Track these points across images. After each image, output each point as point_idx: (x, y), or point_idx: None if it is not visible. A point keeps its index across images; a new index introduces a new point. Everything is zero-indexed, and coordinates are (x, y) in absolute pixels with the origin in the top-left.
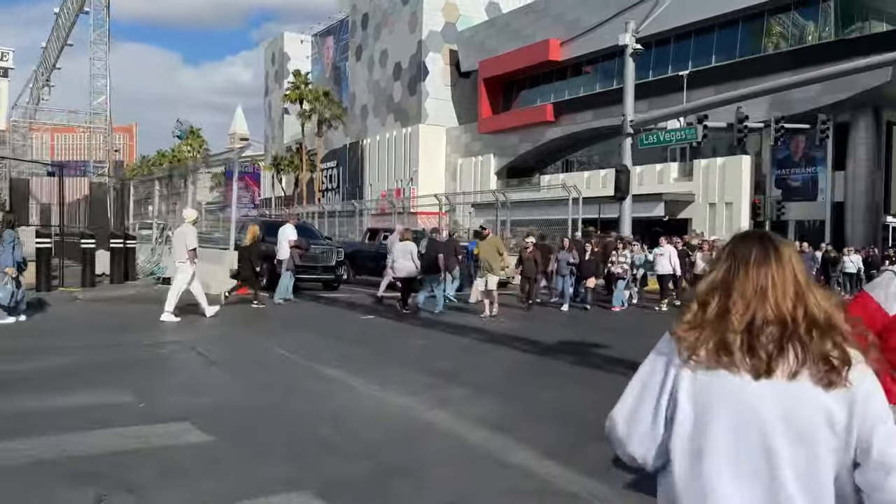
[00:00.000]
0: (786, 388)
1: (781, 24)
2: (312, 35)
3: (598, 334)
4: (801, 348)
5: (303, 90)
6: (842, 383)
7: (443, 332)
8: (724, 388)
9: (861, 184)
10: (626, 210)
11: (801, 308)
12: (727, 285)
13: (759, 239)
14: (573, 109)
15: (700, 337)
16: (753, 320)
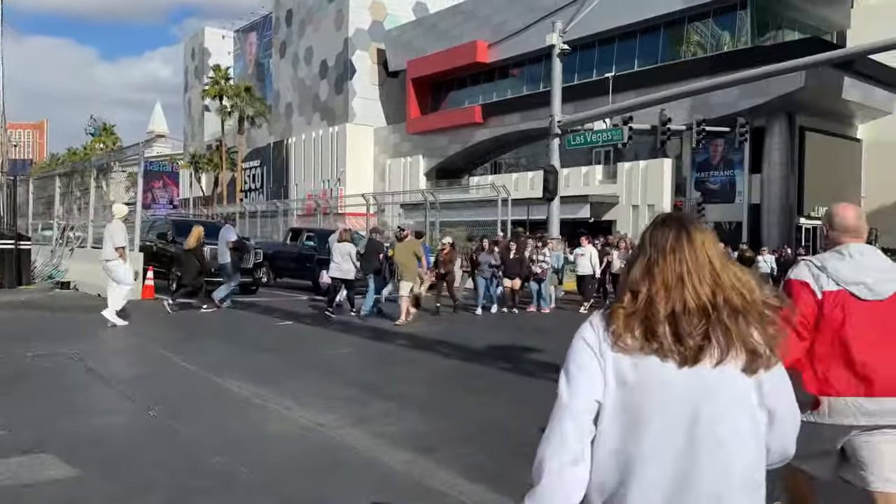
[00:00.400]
0: (711, 375)
1: (699, 32)
2: (235, 31)
3: (527, 338)
4: (724, 336)
5: (223, 86)
6: (762, 368)
7: (367, 338)
8: (651, 374)
9: (776, 187)
10: (555, 211)
11: (721, 294)
12: (650, 273)
13: (673, 224)
14: (501, 111)
15: (630, 324)
16: (675, 308)
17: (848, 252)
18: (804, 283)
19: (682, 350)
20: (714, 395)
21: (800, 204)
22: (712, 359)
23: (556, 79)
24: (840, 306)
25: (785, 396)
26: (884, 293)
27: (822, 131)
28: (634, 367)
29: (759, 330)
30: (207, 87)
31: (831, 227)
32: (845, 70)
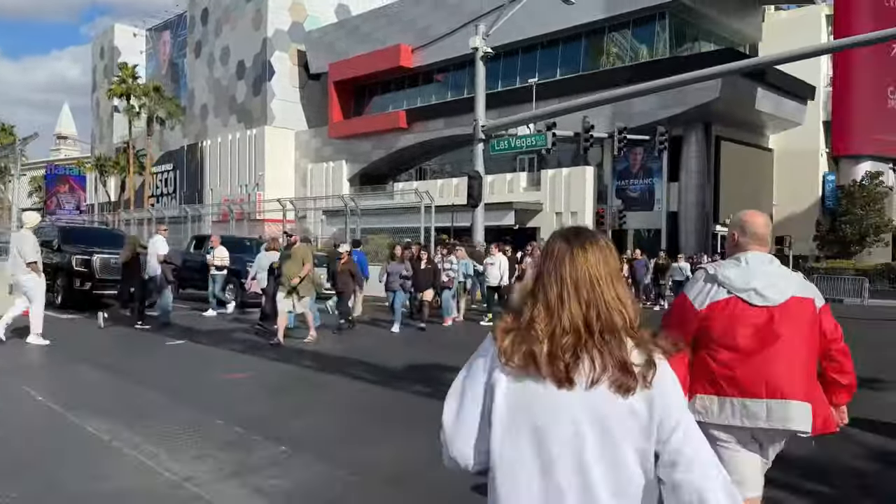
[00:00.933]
0: (586, 397)
1: (619, 42)
2: (147, 29)
3: (437, 355)
4: (598, 355)
5: (130, 84)
6: (642, 387)
7: (270, 359)
8: (532, 396)
9: (693, 195)
10: (479, 218)
11: (594, 312)
12: (534, 290)
13: (564, 239)
14: (426, 117)
15: (514, 343)
16: (555, 329)
17: (745, 259)
18: (685, 297)
19: (555, 371)
20: (592, 415)
21: (715, 211)
22: (586, 378)
23: (480, 83)
24: (729, 314)
25: (679, 405)
26: (775, 299)
27: (736, 141)
28: (518, 387)
29: (638, 344)
30: (113, 86)
31: (741, 233)
32: (758, 81)
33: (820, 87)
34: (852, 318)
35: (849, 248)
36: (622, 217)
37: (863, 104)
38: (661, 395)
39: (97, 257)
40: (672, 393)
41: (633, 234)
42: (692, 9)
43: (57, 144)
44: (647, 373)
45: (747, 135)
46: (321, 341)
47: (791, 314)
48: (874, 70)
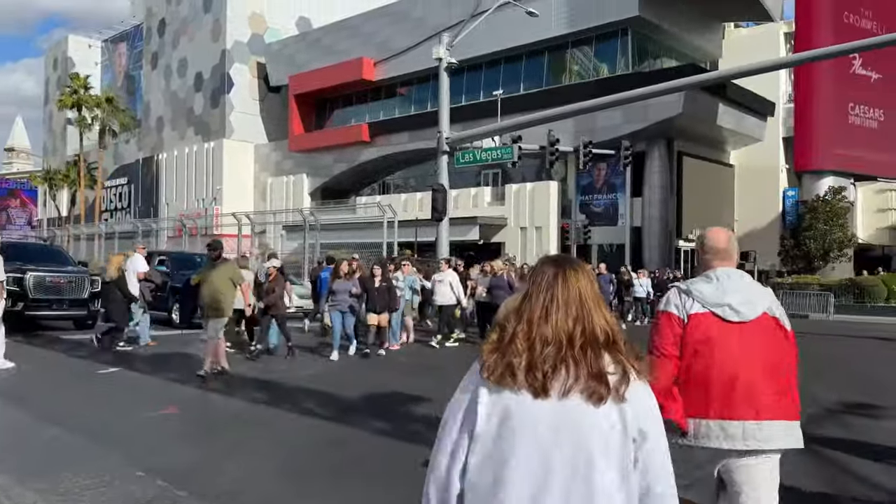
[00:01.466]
0: (559, 406)
1: (581, 59)
2: (103, 41)
3: (390, 383)
4: (573, 366)
5: (81, 95)
6: (615, 398)
7: (206, 390)
8: (510, 407)
9: (656, 210)
10: (443, 232)
11: (580, 327)
12: (521, 309)
13: (554, 263)
14: (389, 130)
15: (497, 358)
16: (535, 341)
17: (715, 275)
18: (668, 313)
19: (532, 381)
20: (568, 425)
21: (678, 227)
22: (561, 389)
23: (444, 93)
24: (705, 328)
25: (651, 419)
26: (749, 315)
27: (698, 157)
28: (501, 401)
29: (616, 360)
30: (63, 97)
31: (703, 251)
32: (719, 97)
33: (779, 103)
34: (819, 333)
35: (812, 263)
36: (587, 232)
37: (824, 120)
38: (634, 409)
39: (31, 275)
40: (645, 407)
41: (597, 248)
42: (654, 25)
43: (9, 158)
44: (621, 386)
45: (708, 150)
46: (264, 369)
47: (765, 329)
48: (835, 86)
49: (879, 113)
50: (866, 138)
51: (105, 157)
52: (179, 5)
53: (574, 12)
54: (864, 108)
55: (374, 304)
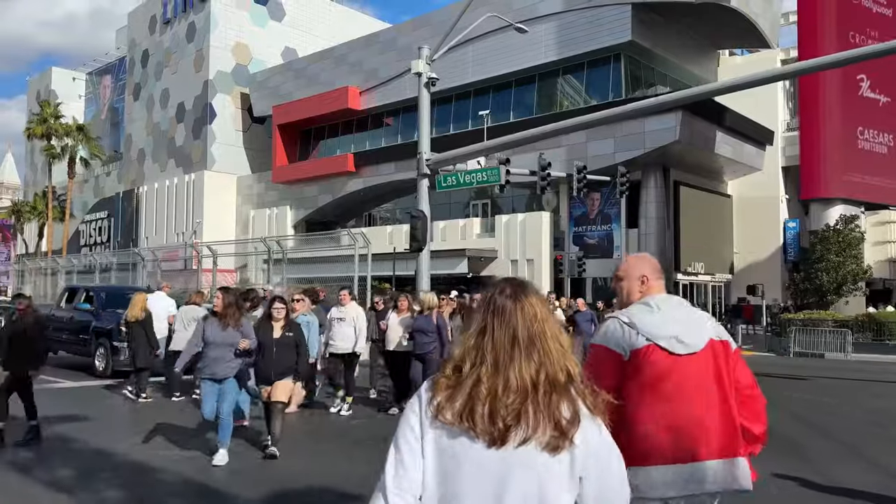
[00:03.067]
0: (514, 456)
1: (572, 86)
2: (88, 73)
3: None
4: (534, 414)
5: (52, 124)
6: (567, 446)
7: (84, 461)
8: (462, 453)
9: (652, 242)
10: (424, 264)
11: (544, 372)
12: (481, 346)
13: (511, 294)
14: (375, 161)
15: (452, 399)
16: (498, 388)
17: (655, 304)
18: (606, 348)
19: (493, 430)
20: (521, 473)
21: (676, 259)
22: (518, 438)
23: (424, 111)
24: (651, 363)
25: (601, 457)
26: (695, 345)
27: (695, 186)
28: (450, 444)
29: (570, 400)
30: (33, 126)
31: (632, 280)
32: (717, 124)
33: (778, 132)
34: (839, 377)
35: (825, 298)
36: (581, 265)
37: (832, 145)
38: (583, 448)
39: None
40: (595, 444)
41: (592, 282)
42: (647, 51)
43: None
44: (572, 428)
45: (705, 180)
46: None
47: (714, 359)
48: (842, 110)
49: (889, 138)
50: (876, 164)
51: (86, 191)
52: (163, 36)
53: (564, 38)
54: (873, 132)
55: (267, 366)
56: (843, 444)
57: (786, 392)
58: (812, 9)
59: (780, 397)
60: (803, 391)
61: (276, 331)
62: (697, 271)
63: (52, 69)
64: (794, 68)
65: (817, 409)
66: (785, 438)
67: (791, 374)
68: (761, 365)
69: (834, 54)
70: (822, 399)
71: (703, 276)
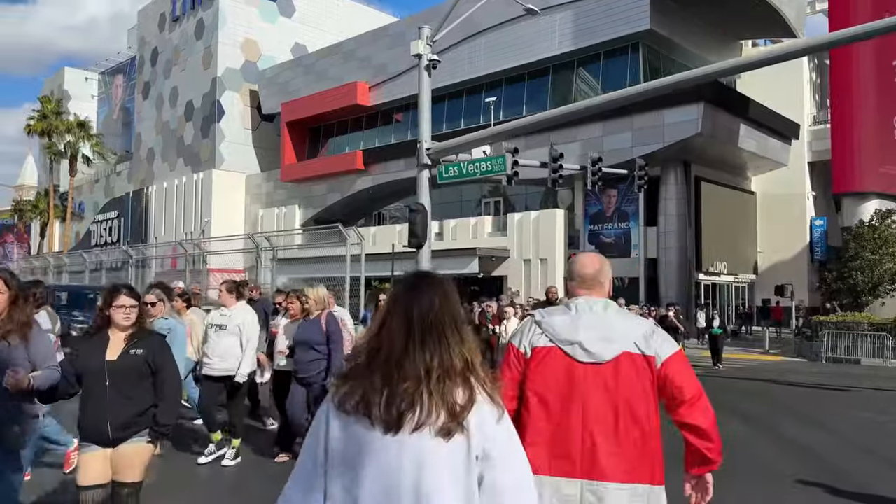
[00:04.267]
0: (409, 441)
1: (587, 79)
2: (100, 73)
3: None
4: (427, 400)
5: (52, 121)
6: (460, 430)
7: None
8: (362, 440)
9: (672, 240)
10: (424, 262)
11: (438, 359)
12: (379, 337)
13: (410, 286)
14: (385, 158)
15: (353, 389)
16: (394, 376)
17: (574, 306)
18: (512, 345)
19: (388, 418)
20: (416, 457)
21: (698, 259)
22: (413, 423)
23: (425, 96)
24: (549, 366)
25: (497, 440)
26: (603, 355)
27: (717, 182)
28: (352, 432)
29: (467, 386)
30: (33, 122)
31: (569, 277)
32: (740, 117)
33: (804, 125)
34: (884, 387)
35: (860, 298)
36: None
37: (865, 136)
38: (479, 432)
39: None
40: (491, 428)
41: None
42: (666, 41)
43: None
44: (465, 412)
45: (728, 176)
46: None
47: (621, 374)
48: (877, 98)
49: None
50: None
51: (97, 191)
52: (172, 33)
53: (580, 27)
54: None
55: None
56: None
57: (832, 407)
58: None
59: (827, 414)
60: (850, 405)
61: (111, 349)
62: (720, 271)
63: (65, 69)
64: (827, 39)
65: (873, 429)
66: (843, 473)
67: (831, 384)
68: (793, 372)
69: (868, 23)
70: (880, 418)
71: (725, 277)
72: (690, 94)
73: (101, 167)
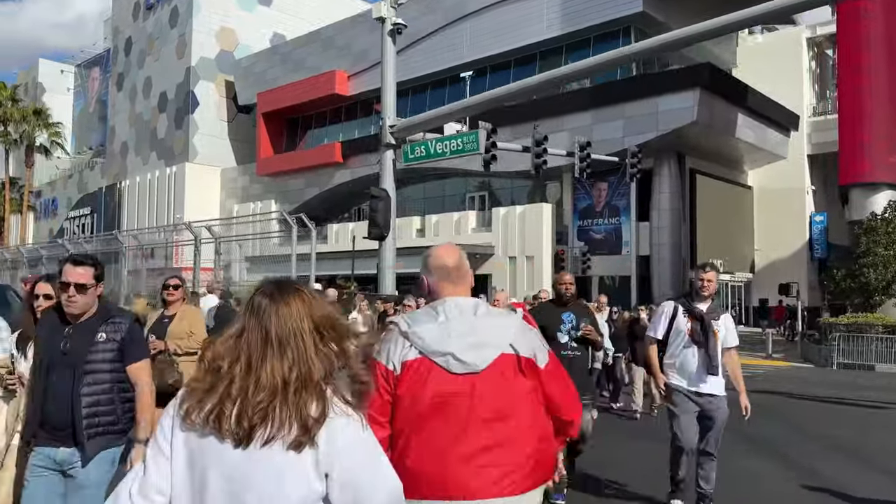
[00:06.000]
0: (258, 454)
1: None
2: (76, 65)
3: None
4: (281, 413)
5: (7, 108)
6: (310, 444)
7: None
8: (210, 453)
9: (666, 236)
10: (387, 257)
11: (296, 370)
12: (237, 348)
13: (269, 294)
14: (365, 150)
15: (203, 402)
16: (249, 387)
17: (442, 310)
18: (378, 363)
19: (238, 430)
20: (263, 471)
21: (692, 256)
22: (263, 437)
23: (389, 66)
24: (422, 381)
25: (349, 455)
26: (478, 363)
27: (713, 176)
28: (199, 445)
29: (323, 402)
30: None
31: (429, 274)
32: (738, 106)
33: (803, 116)
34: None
35: (871, 298)
36: (586, 261)
37: (877, 124)
38: (328, 449)
39: None
40: (341, 443)
41: (598, 281)
42: (660, 25)
43: None
44: (316, 427)
45: (724, 170)
46: None
47: (501, 380)
48: (888, 84)
49: None
50: None
51: (70, 186)
52: (146, 22)
53: (569, 11)
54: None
55: None
56: None
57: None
58: None
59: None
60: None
61: None
62: (718, 267)
63: (40, 61)
64: None
65: None
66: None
67: (855, 399)
68: (805, 382)
69: None
70: None
71: (721, 276)
72: (686, 80)
73: (76, 162)
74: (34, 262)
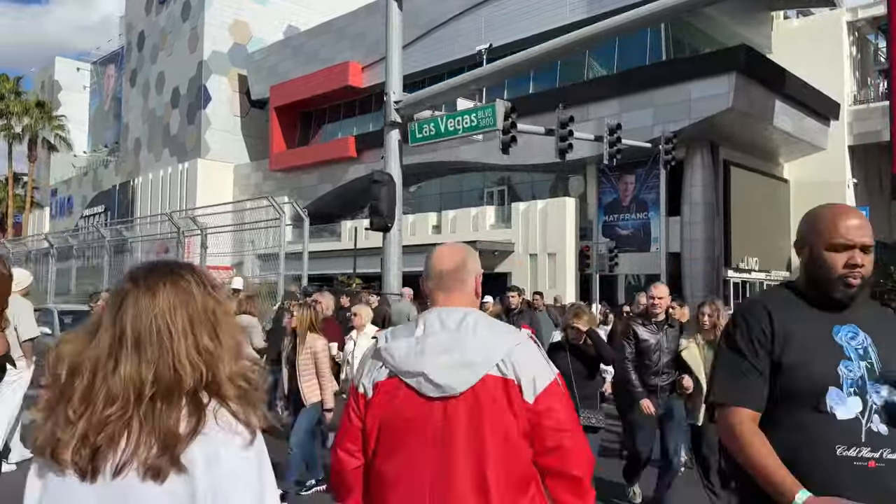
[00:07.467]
0: (111, 489)
1: (603, 51)
2: (92, 63)
3: None
4: (138, 431)
5: (9, 101)
6: (173, 469)
7: None
8: (56, 491)
9: (698, 232)
10: (393, 252)
11: (155, 373)
12: (86, 348)
13: (134, 279)
14: (378, 143)
15: (42, 422)
16: (95, 402)
17: (423, 321)
18: (353, 386)
19: (78, 459)
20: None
21: (727, 253)
22: (113, 464)
23: (394, 34)
24: (392, 404)
25: (233, 480)
26: (455, 385)
27: (748, 168)
28: (46, 481)
29: (198, 414)
30: None
31: (425, 276)
32: (776, 92)
33: (843, 105)
34: None
35: None
36: (613, 258)
37: None
38: (206, 473)
39: None
40: (226, 470)
41: (624, 279)
42: None
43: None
44: (180, 447)
45: (758, 161)
46: None
47: (481, 407)
48: None
49: None
50: None
51: (85, 185)
52: (159, 15)
53: None
54: None
55: None
56: None
57: None
58: None
59: None
60: None
61: None
62: (751, 267)
63: (56, 59)
64: None
65: None
66: None
67: None
68: None
69: None
70: None
71: (756, 274)
72: (720, 64)
73: (92, 160)
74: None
